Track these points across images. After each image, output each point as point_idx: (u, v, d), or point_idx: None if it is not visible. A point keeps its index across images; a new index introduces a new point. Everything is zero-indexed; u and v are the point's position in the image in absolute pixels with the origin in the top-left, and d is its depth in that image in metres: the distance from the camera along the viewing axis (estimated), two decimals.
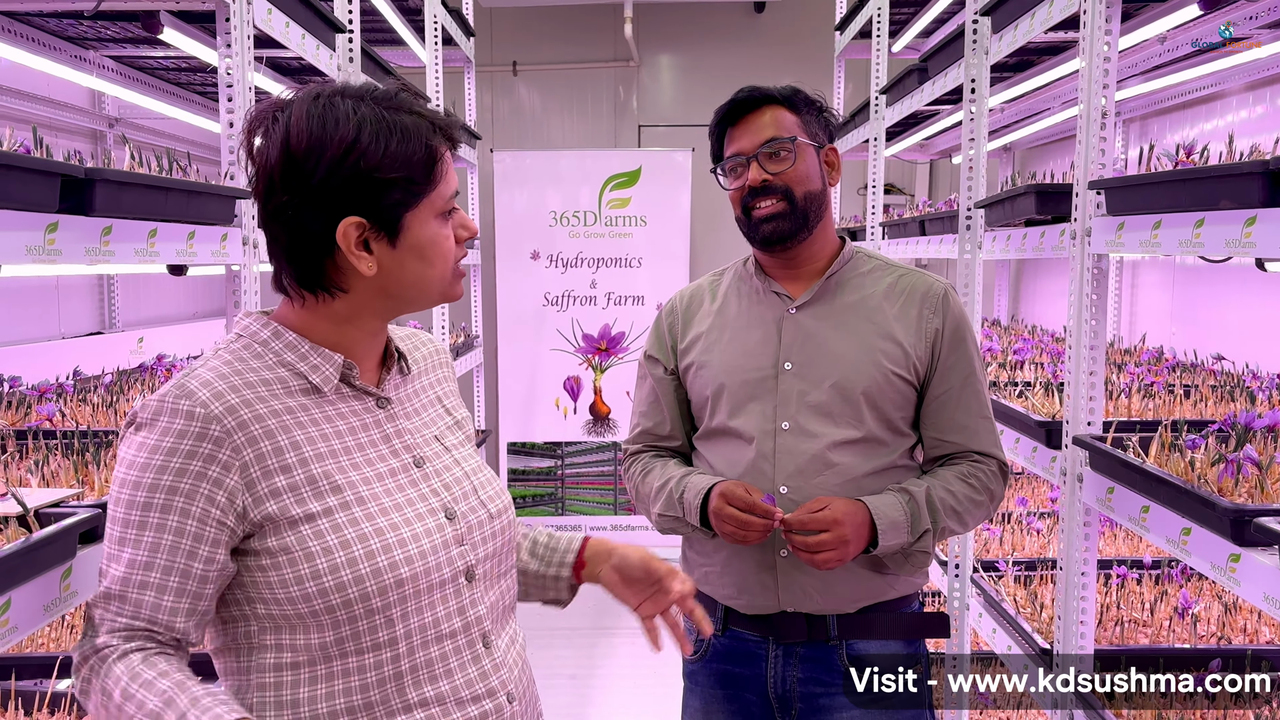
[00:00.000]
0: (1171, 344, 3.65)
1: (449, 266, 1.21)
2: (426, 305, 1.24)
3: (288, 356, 1.18)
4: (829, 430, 1.70)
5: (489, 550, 1.25)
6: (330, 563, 1.11)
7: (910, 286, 1.76)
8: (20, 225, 1.48)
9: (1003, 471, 1.77)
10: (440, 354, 1.39)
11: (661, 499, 1.77)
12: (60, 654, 2.28)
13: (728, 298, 1.84)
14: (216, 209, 2.16)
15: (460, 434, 1.32)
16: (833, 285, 1.77)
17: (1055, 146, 5.03)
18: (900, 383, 1.71)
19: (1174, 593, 2.61)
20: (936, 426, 1.74)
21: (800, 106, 1.76)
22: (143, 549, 1.09)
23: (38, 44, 2.90)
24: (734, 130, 1.77)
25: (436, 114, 1.19)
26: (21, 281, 3.60)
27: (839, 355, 1.72)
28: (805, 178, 1.73)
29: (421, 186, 1.15)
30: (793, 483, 1.69)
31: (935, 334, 1.73)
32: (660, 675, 4.13)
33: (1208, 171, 1.78)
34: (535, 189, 5.64)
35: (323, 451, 1.16)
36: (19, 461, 1.91)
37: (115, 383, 2.78)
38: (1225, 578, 1.66)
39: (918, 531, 1.66)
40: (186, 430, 1.09)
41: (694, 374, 1.81)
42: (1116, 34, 2.19)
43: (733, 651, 1.78)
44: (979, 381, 1.76)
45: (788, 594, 1.71)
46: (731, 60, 6.30)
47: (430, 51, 4.45)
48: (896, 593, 1.75)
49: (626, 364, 5.67)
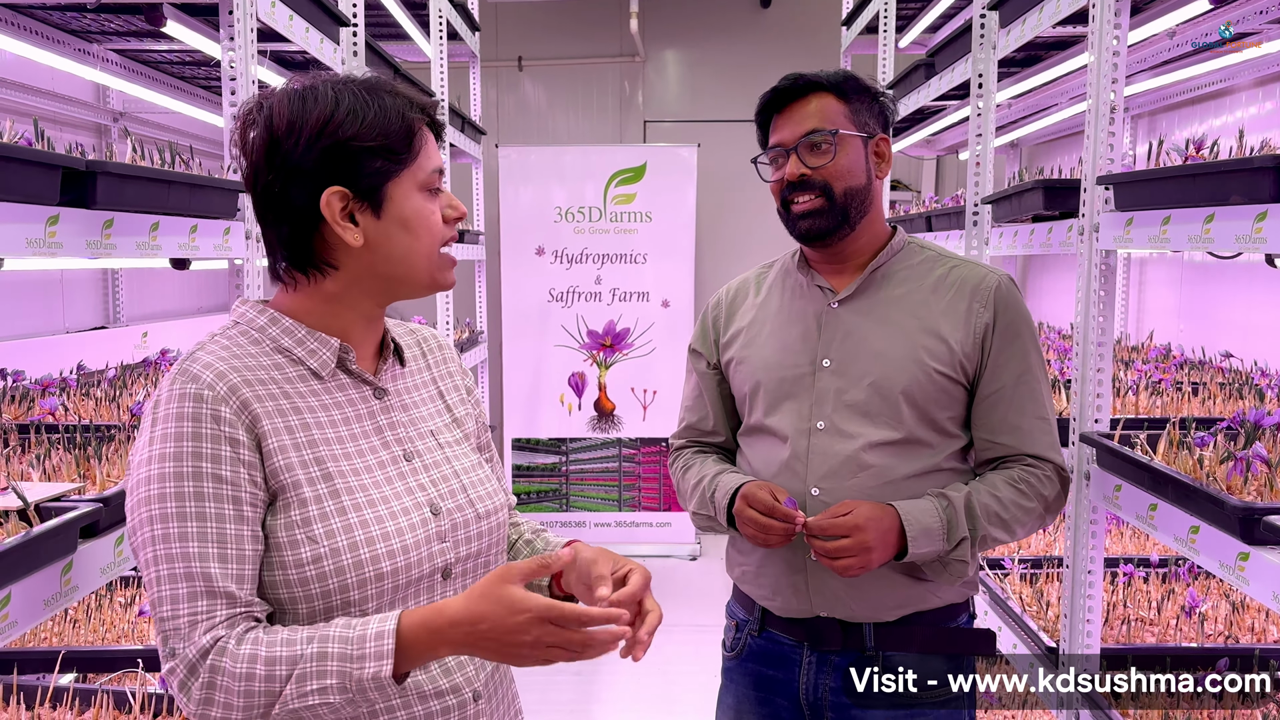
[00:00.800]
0: (1179, 341, 3.63)
1: (435, 241, 1.19)
2: (417, 288, 1.21)
3: (284, 342, 1.18)
4: (866, 430, 1.62)
5: (471, 550, 1.23)
6: (314, 552, 1.11)
7: (961, 279, 1.67)
8: (21, 218, 1.47)
9: (1060, 477, 1.66)
10: (444, 349, 1.38)
11: (695, 497, 1.73)
12: (63, 648, 2.27)
13: (771, 291, 1.78)
14: (219, 202, 2.15)
15: (458, 431, 1.31)
16: (878, 278, 1.69)
17: (1062, 142, 5.01)
18: (945, 381, 1.62)
19: (1181, 591, 2.60)
20: (987, 427, 1.65)
21: (850, 94, 1.67)
22: (210, 538, 1.07)
23: (42, 37, 2.89)
24: (778, 119, 1.69)
25: (415, 93, 1.20)
26: (26, 275, 3.60)
27: (879, 352, 1.64)
28: (846, 172, 1.65)
29: (401, 156, 1.16)
30: (825, 484, 1.63)
31: (985, 329, 1.63)
32: (665, 671, 4.13)
33: (1218, 166, 1.76)
34: (540, 185, 5.62)
35: (316, 438, 1.16)
36: (21, 456, 1.91)
37: (119, 377, 2.77)
38: (1234, 576, 1.64)
39: (954, 539, 1.57)
40: (200, 411, 1.09)
41: (734, 369, 1.76)
42: (1126, 28, 2.17)
43: (768, 653, 1.73)
44: (1036, 380, 1.66)
45: (820, 598, 1.65)
46: (737, 56, 6.28)
47: (435, 46, 4.44)
48: (940, 601, 1.67)
49: (631, 360, 5.66)
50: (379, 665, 1.04)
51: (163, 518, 1.07)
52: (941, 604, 1.67)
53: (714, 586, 5.25)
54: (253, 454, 1.11)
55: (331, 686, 1.04)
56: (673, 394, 5.63)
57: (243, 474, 1.10)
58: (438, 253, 1.20)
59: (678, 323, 5.64)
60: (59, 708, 2.04)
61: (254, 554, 1.10)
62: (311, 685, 1.04)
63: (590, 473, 5.78)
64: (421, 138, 1.18)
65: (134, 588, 2.73)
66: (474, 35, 5.33)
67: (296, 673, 1.04)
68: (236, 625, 1.07)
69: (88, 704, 2.06)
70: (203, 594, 1.06)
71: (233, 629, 1.07)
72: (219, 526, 1.08)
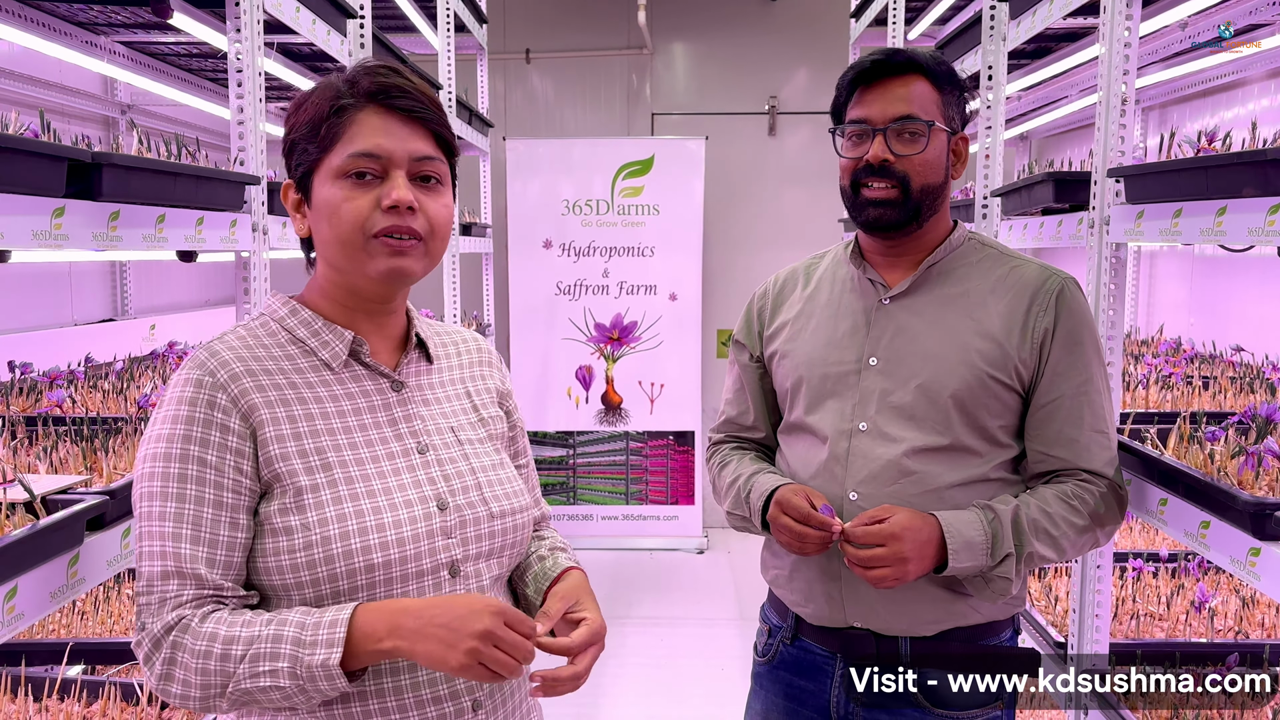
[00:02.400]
0: (1189, 335, 3.61)
1: (351, 229, 1.16)
2: (358, 277, 1.19)
3: (300, 333, 1.21)
4: (910, 435, 1.53)
5: (483, 549, 1.22)
6: (306, 539, 1.12)
7: (1022, 280, 1.57)
8: (27, 210, 1.47)
9: (1117, 495, 1.58)
10: (482, 353, 1.38)
11: (731, 496, 1.67)
12: (71, 640, 2.28)
13: (821, 283, 1.69)
14: (226, 195, 2.15)
15: (482, 431, 1.30)
16: (934, 275, 1.60)
17: (1072, 135, 4.98)
18: (998, 387, 1.53)
19: (1191, 586, 2.58)
20: (1041, 439, 1.55)
21: (944, 82, 1.56)
22: (186, 520, 1.10)
23: (49, 29, 2.89)
24: (866, 92, 1.55)
25: (358, 70, 1.19)
26: (35, 268, 3.61)
27: (929, 353, 1.55)
28: (929, 167, 1.54)
29: (312, 147, 1.18)
30: (864, 489, 1.54)
31: (1045, 334, 1.54)
32: (671, 663, 4.13)
33: (1231, 158, 1.74)
34: (548, 177, 5.61)
35: (320, 428, 1.17)
36: (28, 448, 1.91)
37: (126, 369, 2.77)
38: (1245, 572, 1.63)
39: (998, 555, 1.47)
40: (197, 397, 1.13)
41: (777, 363, 1.69)
42: (1138, 19, 2.15)
43: (800, 662, 1.66)
44: (1097, 391, 1.56)
45: (854, 608, 1.57)
46: (745, 48, 6.25)
47: (443, 38, 4.43)
48: (981, 618, 1.57)
49: (638, 353, 5.65)
50: (328, 653, 1.05)
51: (149, 496, 1.11)
52: (983, 620, 1.58)
53: (720, 580, 5.25)
54: (244, 442, 1.13)
55: (282, 670, 1.05)
56: (680, 387, 5.63)
57: (229, 460, 1.12)
58: (363, 240, 1.16)
59: (685, 316, 5.63)
60: (66, 699, 2.05)
61: (230, 540, 1.12)
62: (264, 666, 1.05)
63: (598, 466, 5.77)
64: (343, 122, 1.16)
65: None
66: (482, 28, 5.32)
67: (250, 653, 1.06)
68: (203, 606, 1.10)
69: (95, 696, 2.06)
70: (174, 574, 1.10)
71: (199, 609, 1.09)
72: (196, 509, 1.10)
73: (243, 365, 1.16)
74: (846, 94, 1.60)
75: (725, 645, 4.26)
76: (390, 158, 1.16)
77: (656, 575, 5.33)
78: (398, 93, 1.17)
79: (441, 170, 1.21)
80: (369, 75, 1.18)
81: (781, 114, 6.24)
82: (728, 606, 4.81)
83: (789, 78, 6.25)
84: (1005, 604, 1.59)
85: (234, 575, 1.13)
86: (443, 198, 1.21)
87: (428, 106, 1.19)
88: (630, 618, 4.59)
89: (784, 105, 6.25)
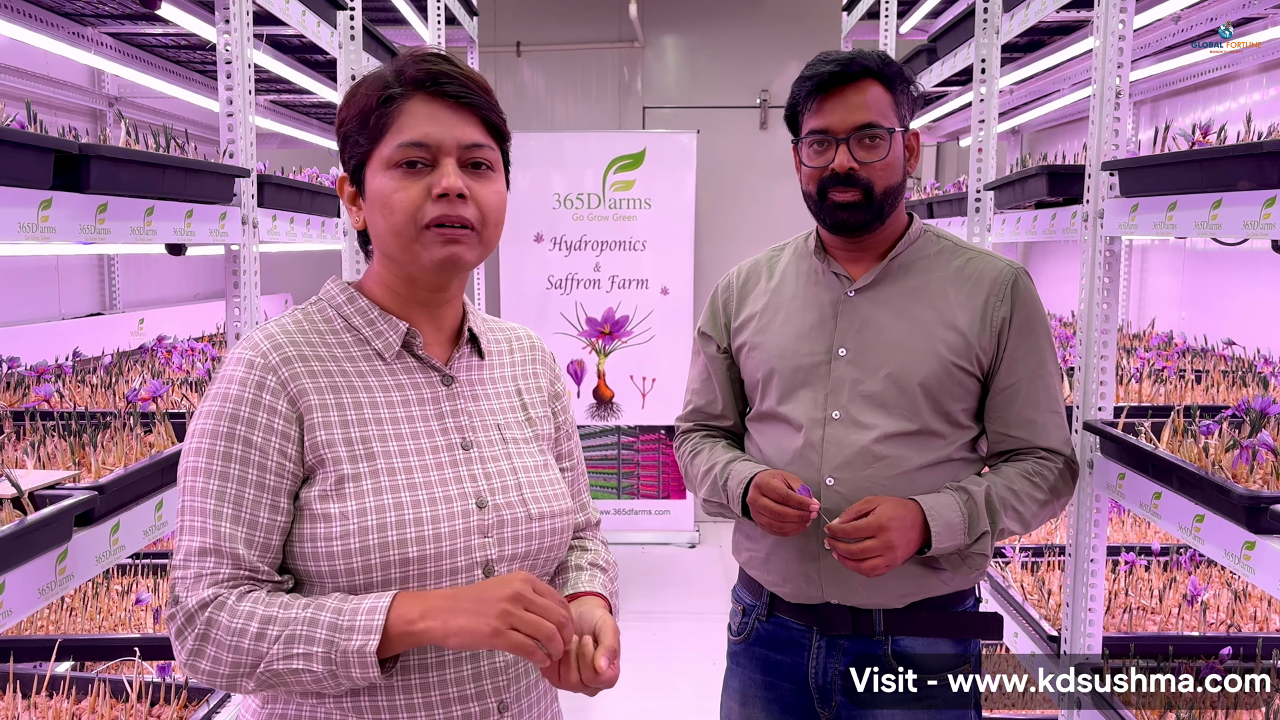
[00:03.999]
0: (1181, 329, 3.61)
1: (404, 219, 1.15)
2: (414, 267, 1.18)
3: (355, 321, 1.21)
4: (881, 421, 1.61)
5: (519, 550, 1.20)
6: (344, 527, 1.11)
7: (978, 271, 1.65)
8: (13, 202, 1.45)
9: (1071, 469, 1.68)
10: (536, 351, 1.37)
11: (707, 484, 1.72)
12: (60, 636, 2.26)
13: (785, 276, 1.75)
14: (215, 187, 2.13)
15: (529, 431, 1.28)
16: (895, 268, 1.67)
17: (1065, 129, 4.98)
18: (961, 374, 1.62)
19: (1183, 580, 2.59)
20: (1001, 421, 1.65)
21: (895, 84, 1.62)
22: (228, 498, 1.11)
23: (35, 20, 2.86)
24: (825, 101, 1.60)
25: (405, 59, 1.18)
26: (22, 261, 3.58)
27: (897, 343, 1.62)
28: (891, 170, 1.61)
29: (362, 139, 1.17)
30: (840, 475, 1.62)
31: (1002, 323, 1.62)
32: (664, 657, 4.13)
33: (1226, 151, 1.74)
34: (539, 171, 5.60)
35: (368, 417, 1.17)
36: (16, 443, 1.89)
37: (115, 364, 2.75)
38: (1239, 565, 1.63)
39: (975, 534, 1.57)
40: (248, 377, 1.13)
41: (746, 355, 1.74)
42: (1131, 12, 2.15)
43: (776, 638, 1.72)
44: (1050, 374, 1.66)
45: (832, 586, 1.64)
46: (737, 41, 6.24)
47: (433, 31, 4.41)
48: (948, 588, 1.67)
49: (630, 347, 5.65)
50: (365, 639, 1.04)
51: (194, 472, 1.12)
52: (950, 590, 1.67)
53: (713, 574, 5.25)
54: (291, 425, 1.13)
55: (317, 654, 1.05)
56: (672, 381, 5.62)
57: (274, 443, 1.12)
58: (415, 230, 1.15)
59: (677, 310, 5.62)
60: (55, 696, 2.03)
61: (269, 522, 1.12)
62: (298, 649, 1.05)
63: (589, 460, 5.76)
64: (391, 112, 1.15)
65: (130, 576, 2.72)
66: (472, 20, 5.29)
67: (286, 634, 1.05)
68: (239, 586, 1.10)
69: (85, 692, 2.04)
70: (211, 550, 1.10)
71: (234, 588, 1.09)
72: (238, 489, 1.11)
73: (295, 350, 1.16)
74: (804, 103, 1.64)
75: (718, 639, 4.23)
76: (439, 145, 1.15)
77: (648, 570, 5.33)
78: (445, 79, 1.16)
79: (492, 156, 1.20)
80: (416, 63, 1.16)
81: (773, 108, 6.23)
82: (720, 600, 4.81)
83: (781, 71, 6.23)
84: (969, 575, 1.68)
85: (270, 558, 1.12)
86: (494, 184, 1.20)
87: (476, 92, 1.17)
88: (623, 612, 4.58)
89: (776, 99, 6.24)
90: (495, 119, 1.20)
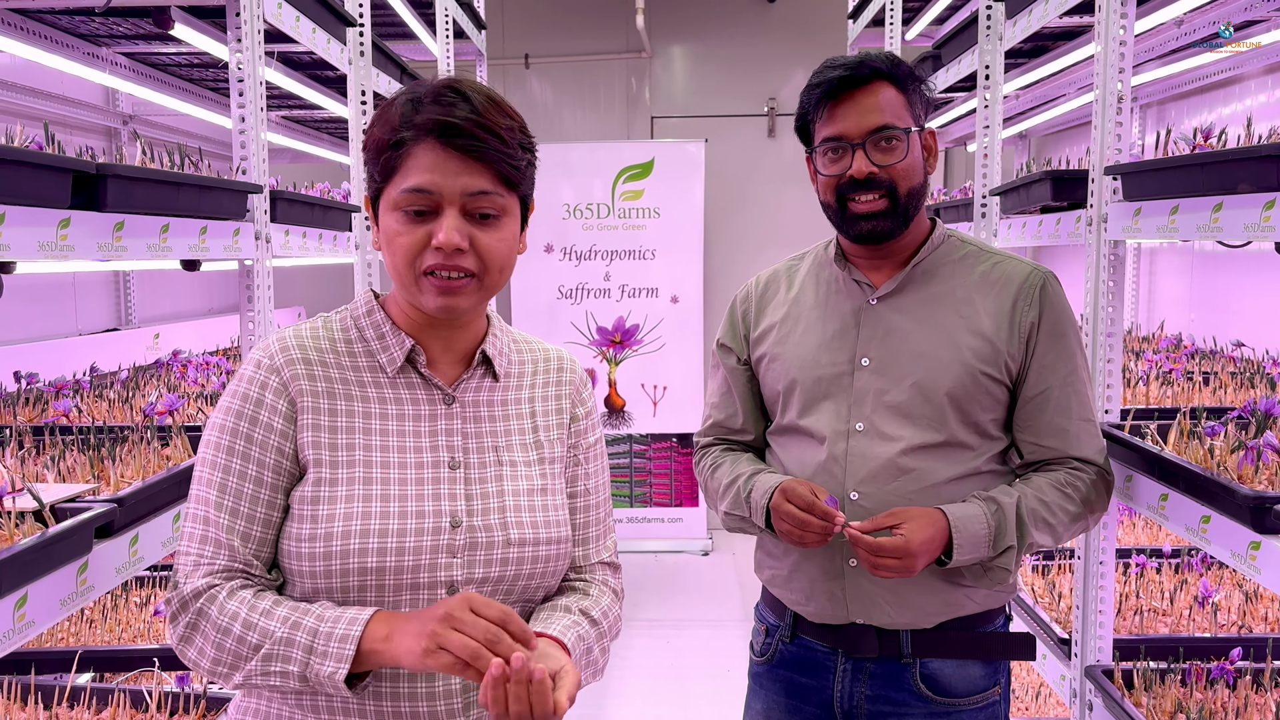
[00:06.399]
0: (1190, 330, 3.61)
1: (403, 263, 1.16)
2: (418, 301, 1.19)
3: (368, 333, 1.24)
4: (906, 433, 1.56)
5: (492, 574, 1.18)
6: (311, 530, 1.15)
7: (1004, 275, 1.61)
8: (33, 221, 1.48)
9: (1105, 480, 1.63)
10: (564, 373, 1.33)
11: (729, 497, 1.66)
12: (80, 648, 2.29)
13: (805, 285, 1.70)
14: (229, 203, 2.16)
15: (534, 454, 1.26)
16: (919, 274, 1.62)
17: (1071, 133, 4.98)
18: (990, 383, 1.57)
19: (1194, 581, 2.59)
20: (1032, 430, 1.60)
21: (906, 83, 1.57)
22: (229, 491, 1.15)
23: (51, 41, 2.91)
24: (837, 107, 1.56)
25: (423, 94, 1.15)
26: (39, 278, 3.62)
27: (922, 352, 1.57)
28: (912, 171, 1.56)
29: (376, 173, 1.19)
30: (864, 489, 1.57)
31: (1030, 328, 1.58)
32: (677, 665, 4.14)
33: (1226, 155, 1.75)
34: (548, 182, 5.62)
35: (359, 426, 1.19)
36: (36, 457, 1.92)
37: (131, 378, 2.79)
38: (1246, 565, 1.64)
39: (999, 547, 1.52)
40: (255, 377, 1.19)
41: (766, 366, 1.69)
42: (1133, 17, 2.16)
43: (800, 660, 1.67)
44: (1081, 381, 1.61)
45: (857, 604, 1.60)
46: (744, 50, 6.27)
47: (441, 45, 4.44)
48: (977, 607, 1.62)
49: (641, 356, 5.67)
50: (336, 666, 1.07)
51: (202, 463, 1.18)
52: (979, 609, 1.62)
53: (725, 582, 5.25)
54: (289, 424, 1.18)
55: (292, 673, 1.08)
56: (683, 390, 5.64)
57: (273, 441, 1.17)
58: (414, 275, 1.16)
59: (687, 318, 5.64)
60: (76, 707, 2.06)
61: (266, 518, 1.16)
62: (275, 666, 1.09)
63: None
64: (400, 155, 1.14)
65: (149, 587, 2.75)
66: (480, 33, 5.33)
67: (265, 651, 1.09)
68: (233, 579, 1.14)
69: (105, 703, 2.07)
70: (211, 539, 1.15)
71: (228, 581, 1.13)
72: (239, 484, 1.15)
73: (302, 354, 1.20)
74: (815, 111, 1.60)
75: (731, 647, 4.27)
76: (442, 194, 1.13)
77: (661, 578, 5.34)
78: (456, 131, 1.13)
79: (501, 204, 1.16)
80: (432, 104, 1.14)
81: (781, 115, 6.26)
82: (733, 608, 4.82)
83: (788, 79, 6.26)
84: (999, 593, 1.64)
85: (265, 555, 1.16)
86: (500, 231, 1.17)
87: (486, 142, 1.13)
88: (636, 620, 4.60)
89: (783, 107, 6.26)
90: (508, 168, 1.16)
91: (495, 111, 1.15)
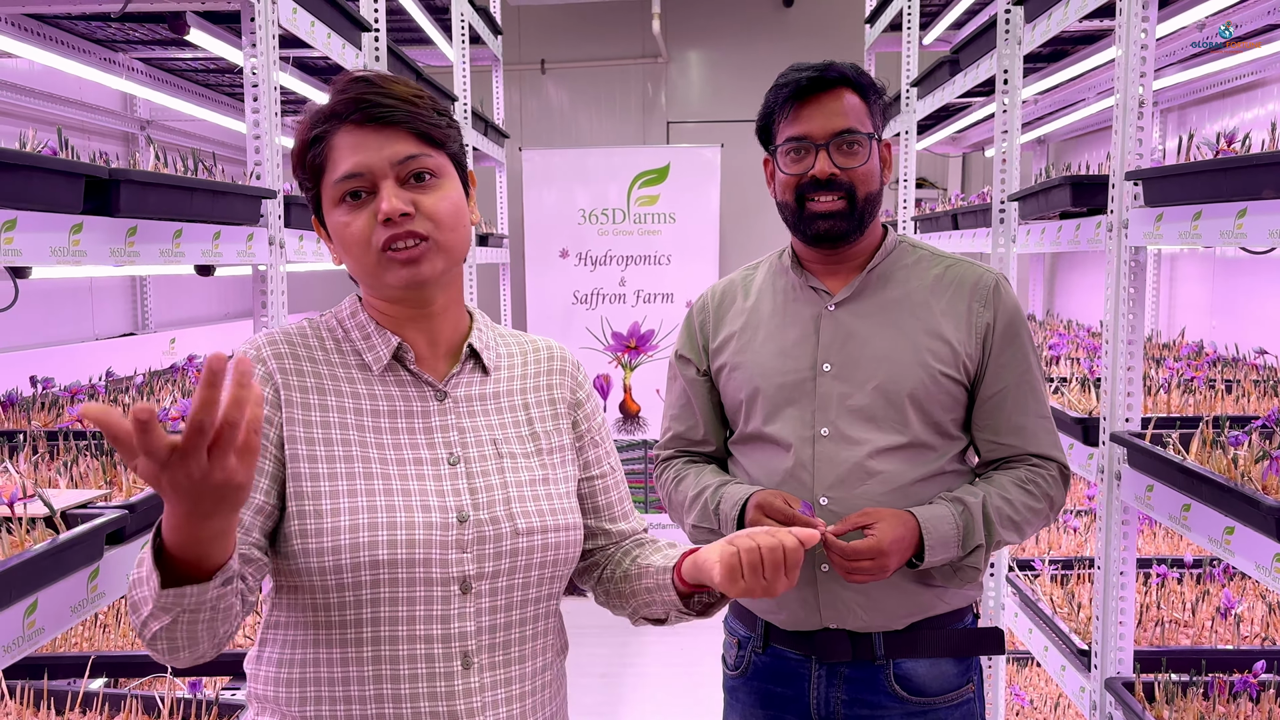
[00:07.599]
0: (1212, 338, 3.57)
1: (362, 249, 1.16)
2: (385, 291, 1.20)
3: (354, 335, 1.24)
4: (871, 436, 1.59)
5: (502, 566, 1.19)
6: (319, 525, 1.13)
7: (958, 278, 1.65)
8: (45, 226, 1.48)
9: (1064, 476, 1.66)
10: (555, 361, 1.34)
11: (696, 509, 1.67)
12: (93, 653, 2.29)
13: (762, 294, 1.73)
14: (242, 209, 2.16)
15: (531, 445, 1.26)
16: (875, 279, 1.66)
17: (1090, 138, 4.95)
18: (949, 383, 1.60)
19: (1216, 592, 2.55)
20: (991, 429, 1.64)
21: (870, 93, 1.62)
22: None
23: (67, 47, 2.92)
24: (802, 109, 1.60)
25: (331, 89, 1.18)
26: (55, 283, 3.64)
27: (882, 355, 1.61)
28: (870, 176, 1.61)
29: (307, 180, 1.20)
30: (834, 493, 1.59)
31: (986, 329, 1.62)
32: (691, 674, 4.11)
33: (1250, 160, 1.73)
34: (564, 187, 5.62)
35: (349, 423, 1.19)
36: (49, 462, 1.92)
37: (146, 383, 2.79)
38: (1270, 578, 1.61)
39: (968, 546, 1.55)
40: None
41: (727, 376, 1.71)
42: (1154, 20, 2.14)
43: (774, 670, 1.69)
44: (1036, 379, 1.65)
45: (830, 610, 1.61)
46: (760, 55, 6.25)
47: (457, 50, 4.45)
48: (947, 606, 1.65)
49: (656, 362, 5.65)
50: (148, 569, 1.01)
51: None
52: (948, 609, 1.66)
53: None
54: (274, 410, 1.17)
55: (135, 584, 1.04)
56: None
57: None
58: (374, 257, 1.16)
59: None
60: (89, 712, 2.06)
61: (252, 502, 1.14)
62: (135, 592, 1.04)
63: None
64: (323, 149, 1.17)
65: None
66: (496, 39, 5.34)
67: (131, 577, 1.06)
68: None
69: (117, 708, 2.07)
70: None
71: None
72: None
73: (289, 349, 1.21)
74: (780, 111, 1.63)
75: None
76: (372, 171, 1.15)
77: None
78: (364, 104, 1.15)
79: (433, 164, 1.18)
80: (338, 94, 1.17)
81: None
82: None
83: None
84: (967, 592, 1.67)
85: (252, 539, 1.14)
86: (441, 190, 1.18)
87: (396, 108, 1.15)
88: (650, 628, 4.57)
89: None
90: (426, 126, 1.17)
91: (396, 83, 1.18)
